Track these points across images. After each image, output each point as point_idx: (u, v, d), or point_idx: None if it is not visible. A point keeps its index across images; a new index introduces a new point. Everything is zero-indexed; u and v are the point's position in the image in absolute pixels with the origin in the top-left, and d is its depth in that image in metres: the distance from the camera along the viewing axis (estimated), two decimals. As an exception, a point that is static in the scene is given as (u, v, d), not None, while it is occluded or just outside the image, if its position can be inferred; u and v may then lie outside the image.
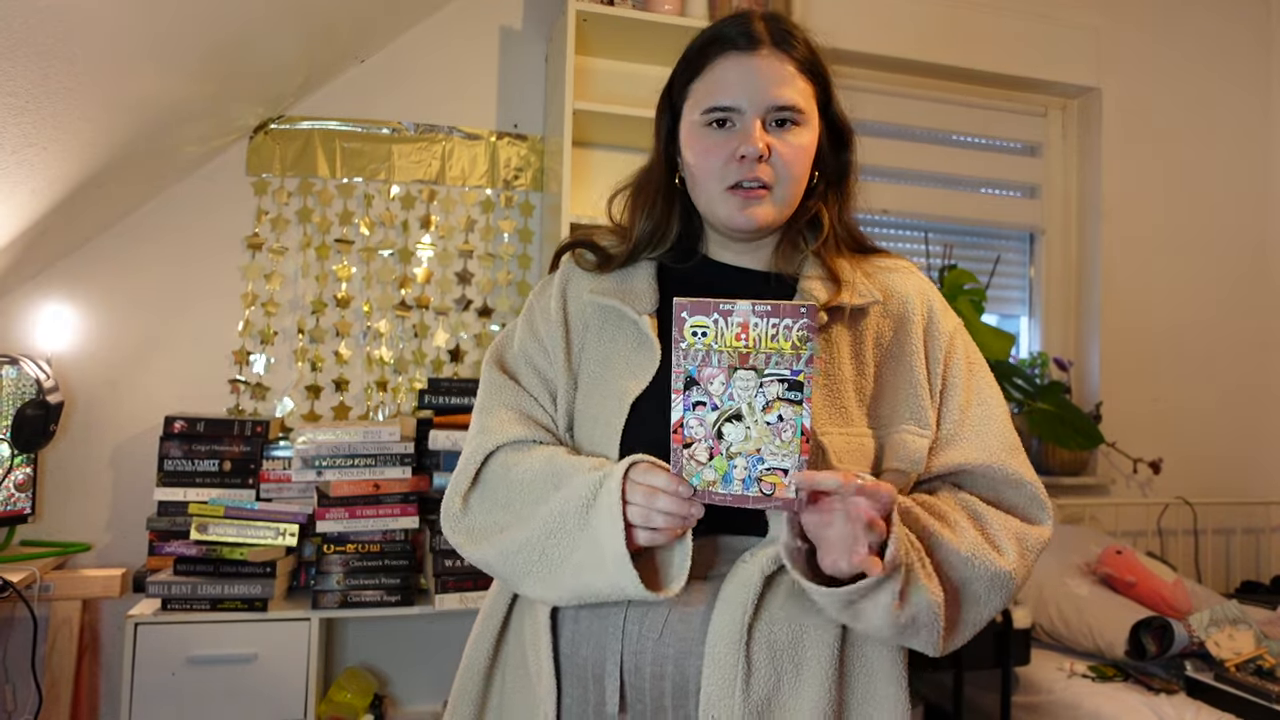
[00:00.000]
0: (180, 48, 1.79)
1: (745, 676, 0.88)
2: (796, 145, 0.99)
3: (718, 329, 0.81)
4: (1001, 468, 0.96)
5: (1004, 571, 0.91)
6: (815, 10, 2.75)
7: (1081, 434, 2.73)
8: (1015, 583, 0.92)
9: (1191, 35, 3.20)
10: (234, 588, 1.94)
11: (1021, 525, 0.95)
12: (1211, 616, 1.98)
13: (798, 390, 0.81)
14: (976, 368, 1.02)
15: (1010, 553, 0.92)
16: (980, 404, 0.99)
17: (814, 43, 1.09)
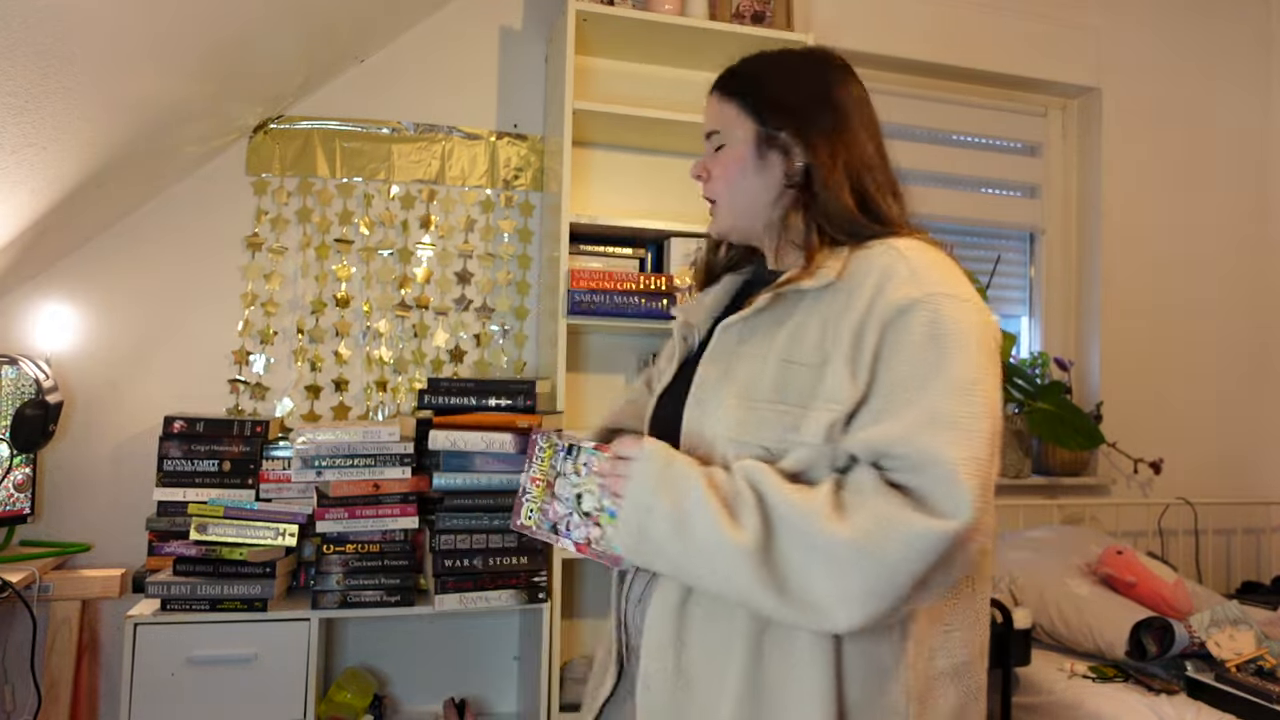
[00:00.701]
0: (180, 48, 1.79)
1: (677, 646, 0.98)
2: (724, 162, 1.18)
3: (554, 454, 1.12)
4: (907, 443, 0.87)
5: (737, 546, 0.89)
6: (817, 10, 2.75)
7: (1082, 434, 2.72)
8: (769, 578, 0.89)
9: (1192, 35, 3.19)
10: (234, 588, 1.94)
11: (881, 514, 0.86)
12: (1212, 617, 1.98)
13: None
14: (947, 338, 0.91)
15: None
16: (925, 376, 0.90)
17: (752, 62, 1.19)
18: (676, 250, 2.39)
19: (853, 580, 0.86)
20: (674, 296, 2.28)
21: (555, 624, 2.13)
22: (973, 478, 0.85)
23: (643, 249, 2.44)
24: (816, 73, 1.11)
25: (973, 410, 0.88)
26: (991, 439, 0.89)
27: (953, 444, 0.86)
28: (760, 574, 0.88)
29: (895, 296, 0.93)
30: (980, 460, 0.87)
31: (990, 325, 0.95)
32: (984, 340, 0.93)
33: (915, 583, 0.85)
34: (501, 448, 2.02)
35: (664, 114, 2.36)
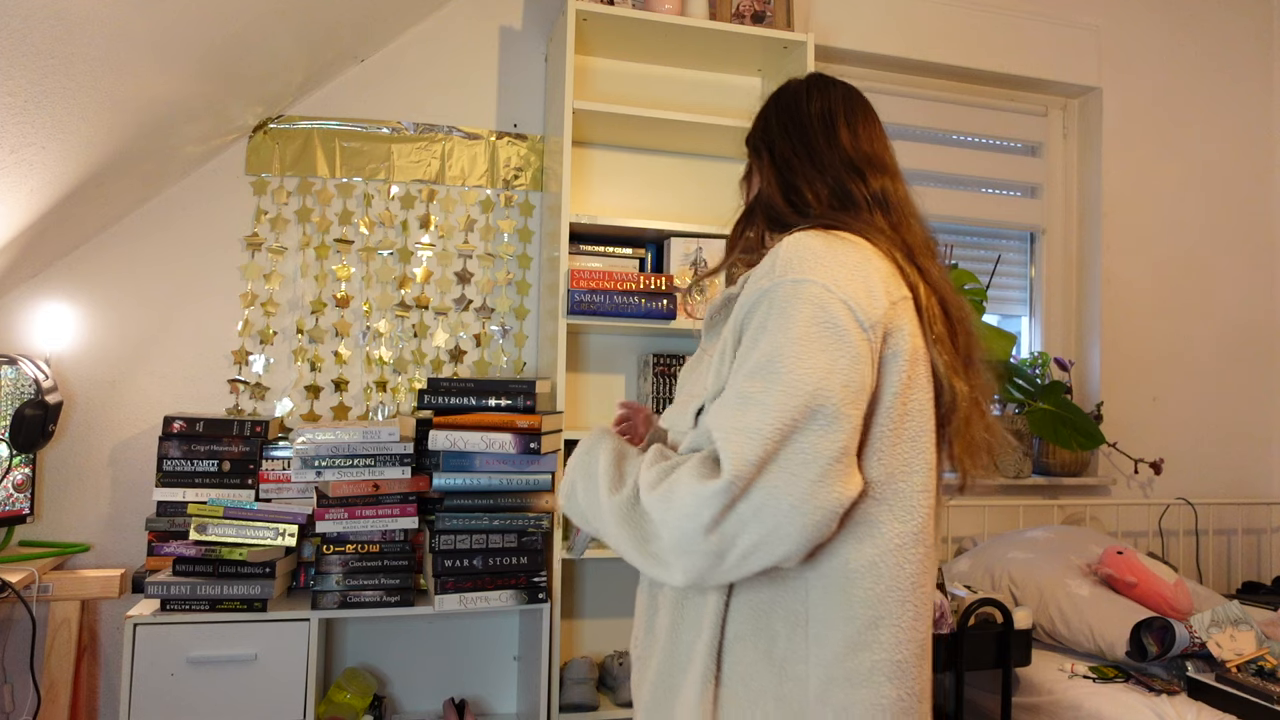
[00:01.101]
0: (180, 48, 1.79)
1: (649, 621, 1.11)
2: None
3: None
4: (709, 423, 0.97)
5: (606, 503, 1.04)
6: (817, 10, 2.75)
7: (1082, 434, 2.72)
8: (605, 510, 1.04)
9: (1193, 34, 3.19)
10: (233, 588, 1.94)
11: (658, 473, 0.98)
12: (1213, 617, 1.98)
13: None
14: (771, 318, 0.97)
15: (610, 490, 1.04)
16: (742, 358, 0.98)
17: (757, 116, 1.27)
18: (676, 250, 2.39)
19: (664, 539, 0.96)
20: (674, 296, 2.28)
21: (555, 624, 2.13)
22: (730, 443, 0.91)
23: (643, 249, 2.44)
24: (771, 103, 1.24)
25: (765, 385, 0.93)
26: (790, 406, 0.92)
27: (728, 418, 0.94)
28: (624, 531, 1.01)
29: (753, 288, 1.01)
30: (753, 428, 0.91)
31: (833, 303, 0.97)
32: (806, 318, 0.96)
33: (707, 536, 0.92)
34: (501, 448, 2.02)
35: (664, 114, 2.36)
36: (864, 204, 1.11)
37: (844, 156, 1.15)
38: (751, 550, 0.93)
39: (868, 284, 0.99)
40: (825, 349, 0.94)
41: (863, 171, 1.14)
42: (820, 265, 0.99)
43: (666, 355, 2.44)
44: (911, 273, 1.06)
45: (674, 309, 2.28)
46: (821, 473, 0.91)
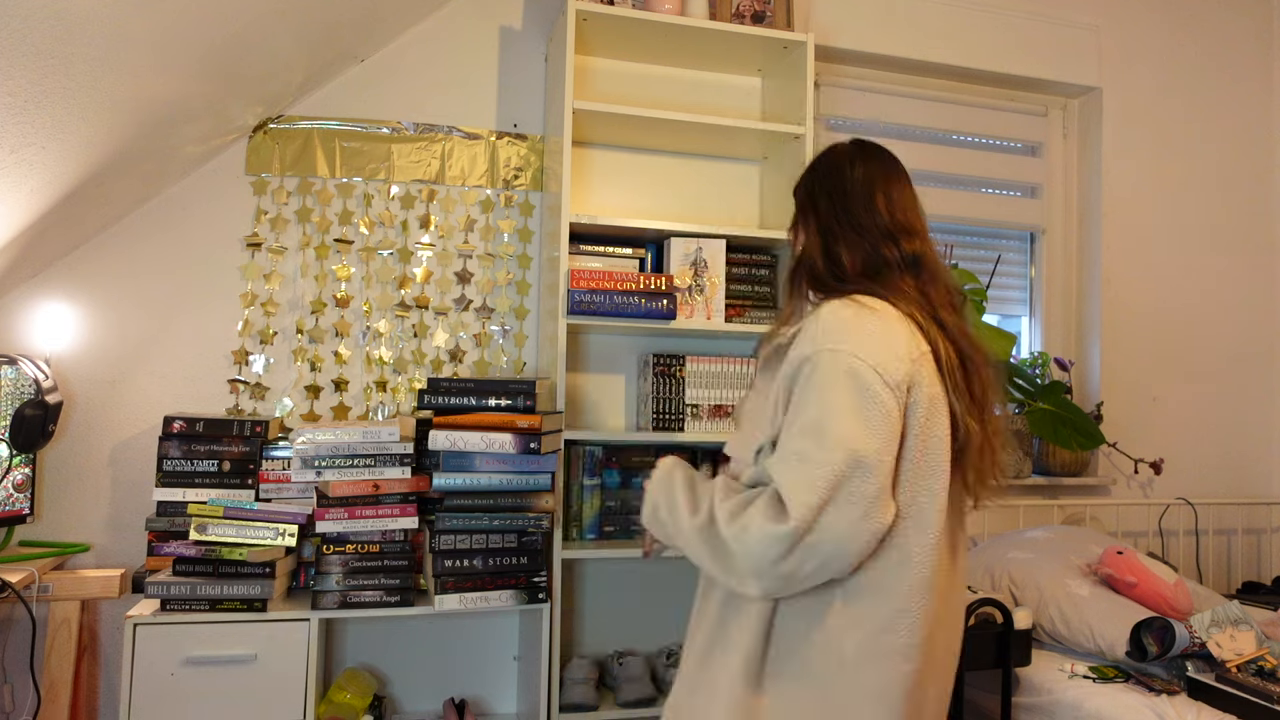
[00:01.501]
0: (180, 48, 1.79)
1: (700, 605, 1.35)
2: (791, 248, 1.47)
3: None
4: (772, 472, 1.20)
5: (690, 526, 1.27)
6: (817, 10, 2.75)
7: (1083, 434, 2.72)
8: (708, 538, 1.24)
9: (1193, 34, 3.19)
10: (233, 588, 1.94)
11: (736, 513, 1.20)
12: (1213, 617, 1.98)
13: None
14: (813, 387, 1.20)
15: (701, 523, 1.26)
16: (793, 419, 1.20)
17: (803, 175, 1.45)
18: (676, 250, 2.39)
19: (741, 566, 1.19)
20: (674, 296, 2.28)
21: (555, 624, 2.13)
22: (794, 495, 1.14)
23: (643, 249, 2.44)
24: (813, 168, 1.43)
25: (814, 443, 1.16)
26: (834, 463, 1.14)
27: (789, 472, 1.16)
28: (704, 549, 1.24)
29: (796, 354, 1.24)
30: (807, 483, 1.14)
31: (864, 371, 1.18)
32: (851, 384, 1.18)
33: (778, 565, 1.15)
34: (501, 448, 2.01)
35: (664, 114, 2.36)
36: (895, 268, 1.31)
37: (881, 224, 1.33)
38: (813, 573, 1.17)
39: (892, 349, 1.21)
40: (860, 410, 1.17)
41: (897, 239, 1.32)
42: (851, 336, 1.21)
43: (666, 355, 2.44)
44: (931, 329, 1.26)
45: (674, 309, 2.28)
46: (865, 511, 1.14)
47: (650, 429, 2.40)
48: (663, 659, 2.36)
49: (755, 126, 2.42)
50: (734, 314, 2.45)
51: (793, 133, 2.43)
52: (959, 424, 1.26)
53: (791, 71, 2.51)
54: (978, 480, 1.30)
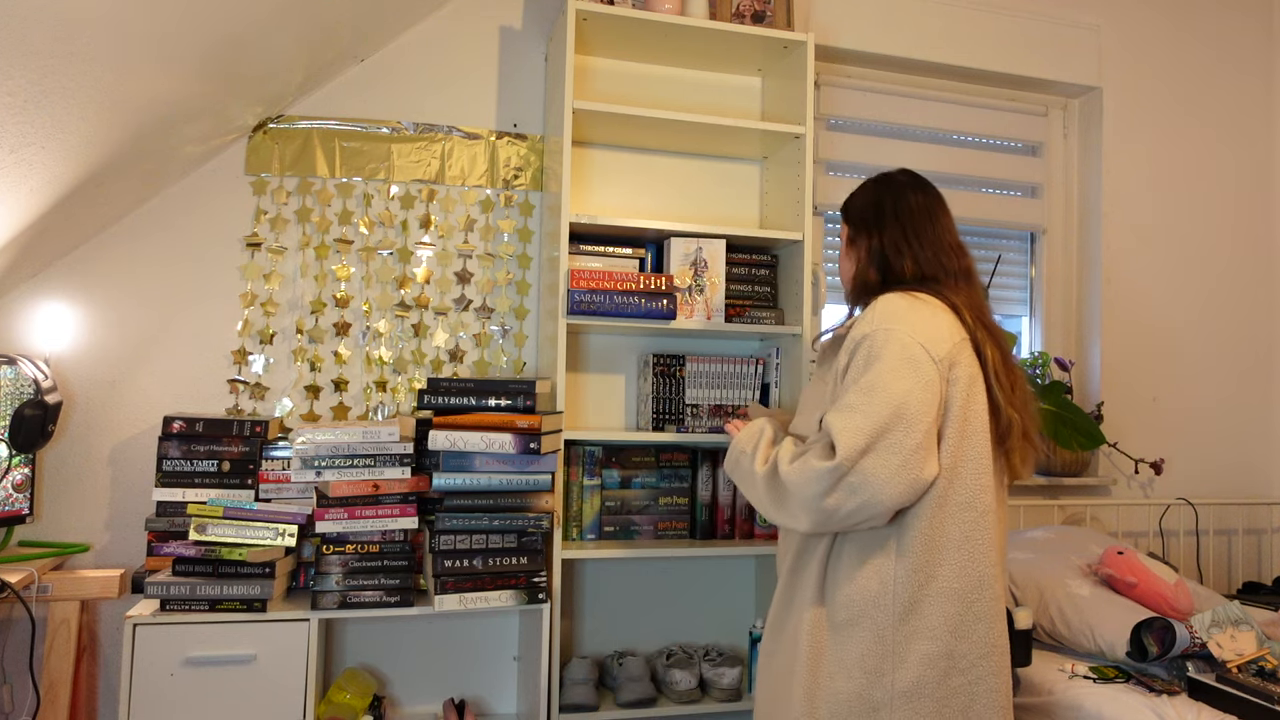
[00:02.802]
0: (180, 47, 1.79)
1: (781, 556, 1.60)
2: (841, 263, 1.72)
3: None
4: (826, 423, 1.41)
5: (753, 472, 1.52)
6: (816, 10, 2.74)
7: (1083, 434, 2.72)
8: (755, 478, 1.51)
9: (1193, 34, 3.19)
10: (233, 588, 1.93)
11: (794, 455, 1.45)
12: (1213, 617, 1.97)
13: None
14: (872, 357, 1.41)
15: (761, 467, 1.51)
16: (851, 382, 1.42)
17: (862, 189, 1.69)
18: (676, 250, 2.39)
19: (794, 500, 1.41)
20: (674, 296, 2.28)
21: (555, 624, 2.12)
22: (842, 437, 1.35)
23: (643, 249, 2.44)
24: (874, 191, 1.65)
25: (866, 399, 1.37)
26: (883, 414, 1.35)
27: (840, 420, 1.38)
28: (766, 492, 1.47)
29: (855, 334, 1.47)
30: (854, 427, 1.35)
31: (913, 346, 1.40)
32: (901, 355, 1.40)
33: (822, 500, 1.37)
34: (501, 448, 2.01)
35: (664, 114, 2.35)
36: (952, 276, 1.55)
37: (945, 240, 1.58)
38: (853, 511, 1.36)
39: (937, 330, 1.44)
40: (908, 376, 1.38)
41: (956, 252, 1.58)
42: (904, 318, 1.44)
43: (666, 355, 2.44)
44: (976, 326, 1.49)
45: (674, 309, 2.27)
46: (904, 460, 1.34)
47: (650, 429, 2.40)
48: (663, 659, 2.36)
49: (755, 126, 2.42)
50: (734, 314, 2.45)
51: (793, 132, 2.43)
52: (1001, 412, 1.47)
53: (791, 71, 2.51)
54: (1021, 462, 1.53)
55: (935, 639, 1.39)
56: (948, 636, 1.40)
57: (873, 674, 1.39)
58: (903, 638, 1.39)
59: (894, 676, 1.38)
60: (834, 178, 2.85)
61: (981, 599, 1.44)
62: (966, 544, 1.43)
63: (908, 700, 1.38)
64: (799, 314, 2.42)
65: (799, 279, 2.44)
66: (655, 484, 2.43)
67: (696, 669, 2.31)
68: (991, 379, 1.47)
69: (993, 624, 1.45)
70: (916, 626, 1.39)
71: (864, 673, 1.39)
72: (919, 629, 1.39)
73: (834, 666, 1.41)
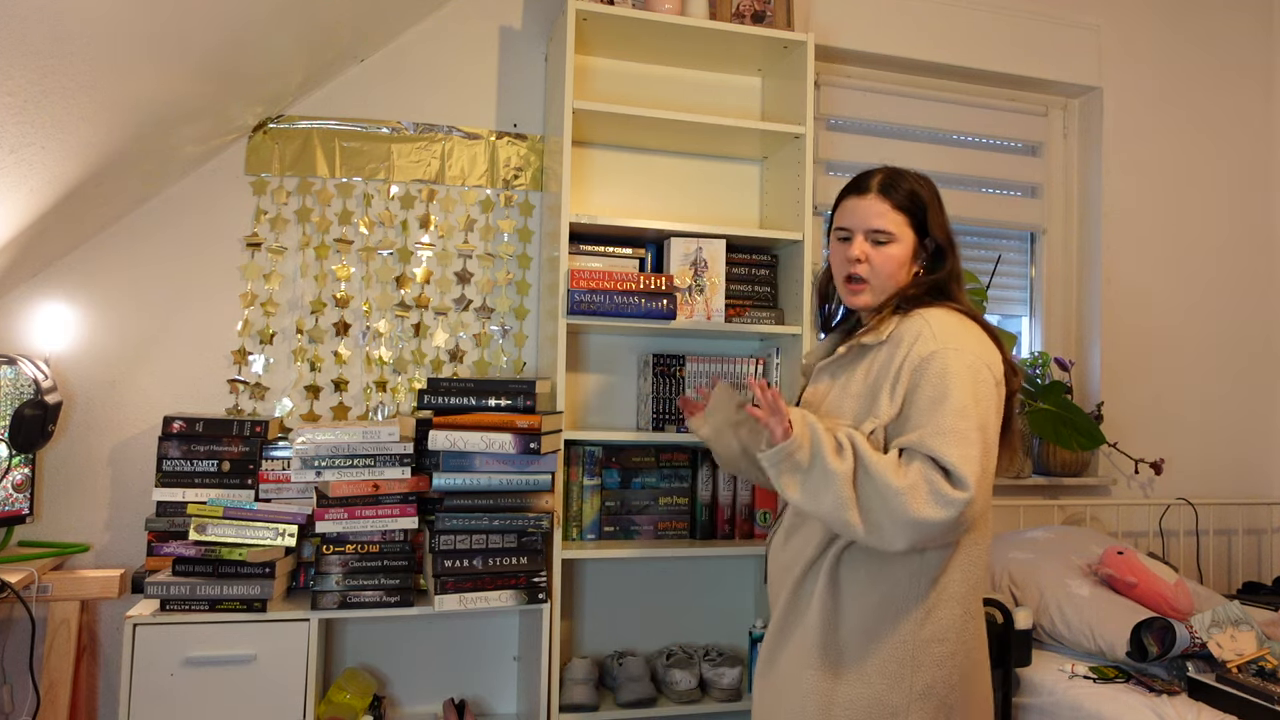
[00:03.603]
0: (180, 47, 1.79)
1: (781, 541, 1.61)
2: (886, 255, 1.54)
3: None
4: (922, 445, 1.37)
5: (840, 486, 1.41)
6: (816, 10, 2.74)
7: (1083, 434, 2.72)
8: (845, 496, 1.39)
9: (1193, 34, 3.19)
10: (233, 588, 1.93)
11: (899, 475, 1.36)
12: (1213, 617, 1.97)
13: None
14: (949, 377, 1.40)
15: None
16: (936, 402, 1.39)
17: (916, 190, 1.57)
18: (676, 250, 2.39)
19: (899, 515, 1.34)
20: (674, 296, 2.28)
21: (555, 624, 2.12)
22: (967, 466, 1.34)
23: (643, 249, 2.44)
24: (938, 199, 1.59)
25: (968, 424, 1.37)
26: (983, 443, 1.37)
27: (954, 446, 1.35)
28: (849, 495, 1.36)
29: (920, 350, 1.43)
30: (973, 457, 1.35)
31: (981, 368, 1.42)
32: (976, 378, 1.41)
33: (944, 531, 1.35)
34: (501, 448, 2.01)
35: (664, 114, 2.35)
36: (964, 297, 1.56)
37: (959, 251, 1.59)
38: (949, 534, 1.38)
39: (992, 351, 1.47)
40: (986, 400, 1.42)
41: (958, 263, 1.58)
42: (965, 339, 1.45)
43: (666, 355, 2.44)
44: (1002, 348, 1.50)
45: (674, 309, 2.27)
46: (990, 486, 1.40)
47: (650, 429, 2.40)
48: (663, 659, 2.36)
49: (755, 126, 2.42)
50: (734, 314, 2.45)
51: (793, 132, 2.43)
52: (1012, 418, 1.51)
53: (791, 71, 2.51)
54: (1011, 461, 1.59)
55: (946, 640, 1.44)
56: (955, 638, 1.45)
57: (892, 679, 1.42)
58: (922, 642, 1.43)
59: (912, 680, 1.42)
60: (834, 178, 2.85)
61: (976, 598, 1.50)
62: (974, 548, 1.48)
63: (923, 700, 1.42)
64: (799, 314, 2.42)
65: (799, 279, 2.44)
66: (655, 484, 2.43)
67: (696, 669, 2.31)
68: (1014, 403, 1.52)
69: (981, 621, 1.53)
70: (932, 631, 1.43)
71: (882, 678, 1.42)
72: (934, 633, 1.43)
73: (852, 674, 1.44)
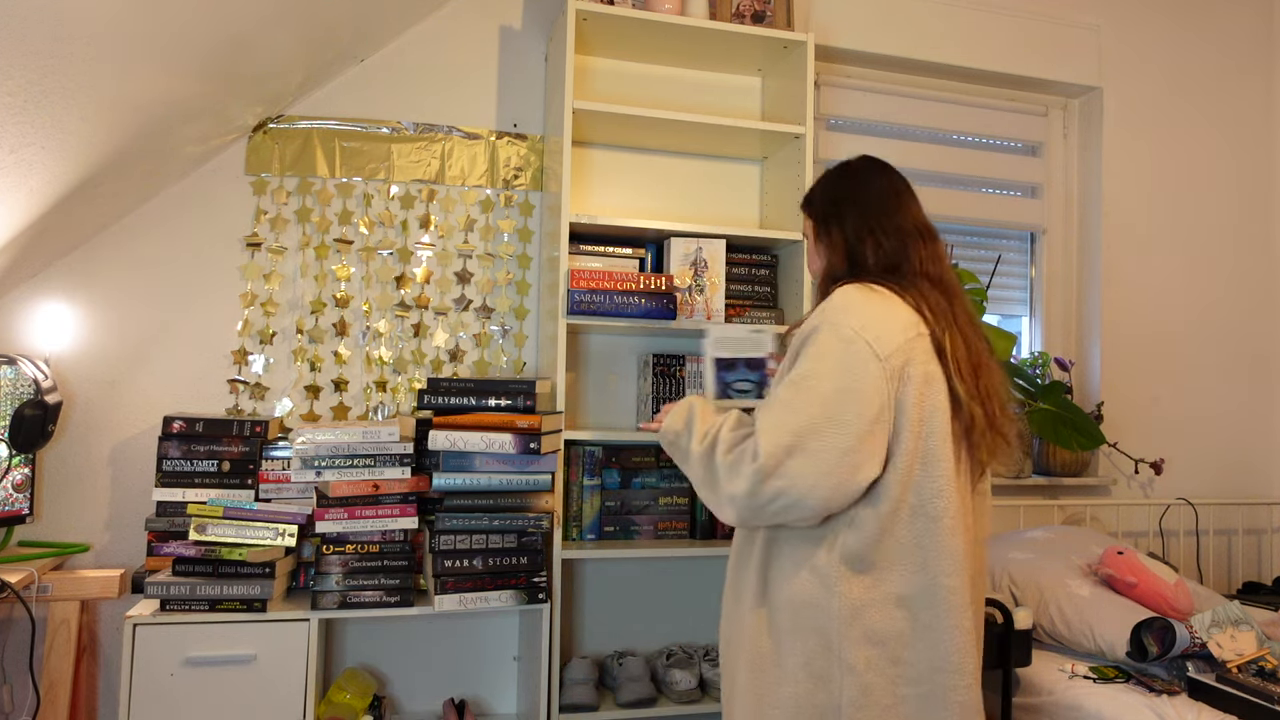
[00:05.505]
0: (180, 47, 1.78)
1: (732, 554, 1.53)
2: (808, 252, 1.61)
3: None
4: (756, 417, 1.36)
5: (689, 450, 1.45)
6: (816, 10, 2.74)
7: (1083, 434, 2.72)
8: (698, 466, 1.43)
9: (1193, 34, 3.19)
10: (233, 588, 1.93)
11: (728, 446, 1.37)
12: (1213, 617, 1.97)
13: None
14: (809, 348, 1.34)
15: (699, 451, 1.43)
16: (780, 381, 1.37)
17: (823, 182, 1.59)
18: (676, 250, 2.39)
19: (723, 492, 1.35)
20: (674, 296, 2.28)
21: (555, 624, 2.12)
22: (767, 434, 1.29)
23: (643, 249, 2.44)
24: (834, 181, 1.56)
25: (795, 393, 1.31)
26: (811, 413, 1.29)
27: (768, 416, 1.32)
28: (699, 475, 1.41)
29: (805, 327, 1.39)
30: (782, 424, 1.29)
31: (855, 340, 1.32)
32: (838, 349, 1.32)
33: (749, 499, 1.31)
34: (501, 448, 2.01)
35: (664, 114, 2.35)
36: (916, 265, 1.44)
37: (911, 225, 1.47)
38: (778, 512, 1.31)
39: (889, 326, 1.34)
40: (847, 373, 1.30)
41: (923, 236, 1.47)
42: (854, 312, 1.35)
43: (666, 355, 2.44)
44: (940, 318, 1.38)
45: (674, 309, 2.27)
46: (834, 463, 1.27)
47: (650, 429, 2.40)
48: (663, 659, 2.36)
49: (755, 126, 2.42)
50: (734, 314, 2.45)
51: (793, 133, 2.43)
52: (963, 407, 1.36)
53: (791, 71, 2.51)
54: (990, 455, 1.41)
55: (881, 644, 1.32)
56: (894, 643, 1.33)
57: (820, 679, 1.33)
58: (849, 642, 1.32)
59: (842, 682, 1.32)
60: (834, 178, 2.84)
61: (933, 609, 1.33)
62: (918, 550, 1.33)
63: (857, 708, 1.32)
64: (799, 314, 2.42)
65: (799, 279, 2.44)
66: (655, 484, 2.43)
67: (696, 669, 2.31)
68: (952, 374, 1.35)
69: (950, 637, 1.33)
70: (862, 632, 1.32)
71: (810, 677, 1.34)
72: (865, 634, 1.32)
73: (779, 671, 1.36)
